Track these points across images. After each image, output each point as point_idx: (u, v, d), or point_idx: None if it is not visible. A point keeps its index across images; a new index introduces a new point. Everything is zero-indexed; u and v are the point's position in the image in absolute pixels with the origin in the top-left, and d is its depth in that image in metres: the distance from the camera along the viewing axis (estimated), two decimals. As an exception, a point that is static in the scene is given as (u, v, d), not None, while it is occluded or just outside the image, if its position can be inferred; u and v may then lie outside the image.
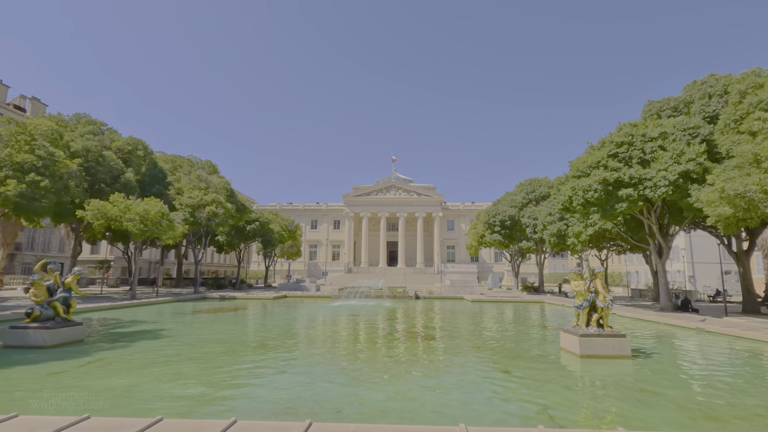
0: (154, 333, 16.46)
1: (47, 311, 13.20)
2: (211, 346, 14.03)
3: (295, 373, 10.00)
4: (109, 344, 13.77)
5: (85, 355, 11.87)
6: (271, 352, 13.18)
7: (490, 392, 8.36)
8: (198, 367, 10.71)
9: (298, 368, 10.68)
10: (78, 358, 11.42)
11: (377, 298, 37.11)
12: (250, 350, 13.51)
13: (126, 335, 15.79)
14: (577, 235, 37.14)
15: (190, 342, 14.81)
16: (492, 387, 8.75)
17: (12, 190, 29.32)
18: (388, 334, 17.17)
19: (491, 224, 49.67)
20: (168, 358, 11.66)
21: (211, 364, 11.02)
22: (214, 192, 44.03)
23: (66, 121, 40.41)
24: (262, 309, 28.97)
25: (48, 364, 10.59)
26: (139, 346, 13.42)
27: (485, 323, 21.72)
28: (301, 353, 12.96)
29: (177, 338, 15.38)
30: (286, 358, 12.23)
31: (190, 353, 12.60)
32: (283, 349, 13.76)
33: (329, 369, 10.60)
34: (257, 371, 10.43)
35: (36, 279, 13.23)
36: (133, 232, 33.32)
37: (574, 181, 28.11)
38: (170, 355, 12.20)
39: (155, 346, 13.63)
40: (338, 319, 22.54)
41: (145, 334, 16.04)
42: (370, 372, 10.16)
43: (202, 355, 12.24)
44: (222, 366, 10.77)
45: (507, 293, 49.57)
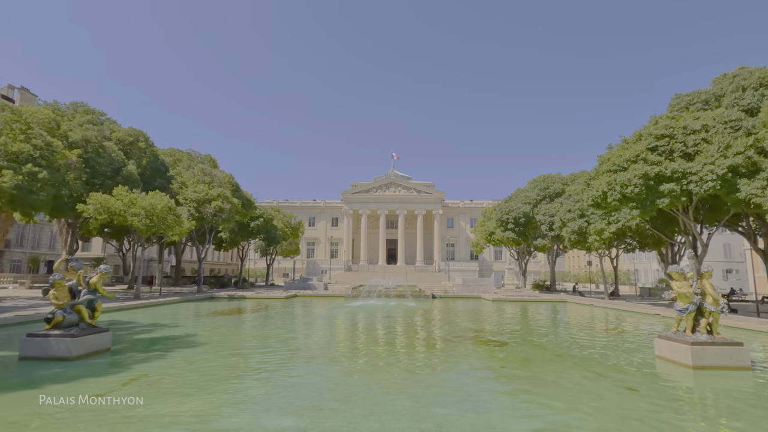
0: (184, 339, 14.70)
1: (71, 316, 11.40)
2: (261, 354, 12.41)
3: (408, 396, 8.23)
4: (141, 354, 12.02)
5: (121, 369, 10.15)
6: (343, 362, 11.51)
7: (657, 421, 6.79)
8: (269, 385, 9.02)
9: (408, 388, 8.99)
10: (116, 374, 9.69)
11: (398, 298, 35.59)
12: (315, 360, 11.83)
13: (154, 342, 14.03)
14: (599, 232, 36.12)
15: (233, 349, 13.15)
16: (649, 414, 7.17)
17: (8, 182, 27.11)
18: (456, 338, 15.44)
19: (504, 221, 48.45)
20: (223, 372, 9.99)
21: (283, 382, 9.30)
22: (219, 186, 42.02)
23: (62, 110, 38.09)
24: (284, 310, 27.26)
25: (82, 382, 8.84)
26: (178, 357, 11.70)
27: (535, 325, 20.32)
28: (381, 364, 11.25)
29: (215, 345, 13.66)
30: (364, 369, 10.60)
31: (244, 365, 10.93)
32: (347, 357, 12.14)
33: (439, 386, 8.94)
34: (348, 390, 8.71)
35: (57, 279, 11.42)
36: (138, 228, 31.27)
37: (610, 176, 26.89)
38: (221, 367, 10.51)
39: (196, 355, 11.92)
40: (378, 321, 21.05)
41: (176, 341, 14.28)
42: (489, 393, 8.50)
43: (260, 367, 10.56)
44: (299, 386, 9.00)
45: (519, 292, 48.48)
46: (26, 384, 8.69)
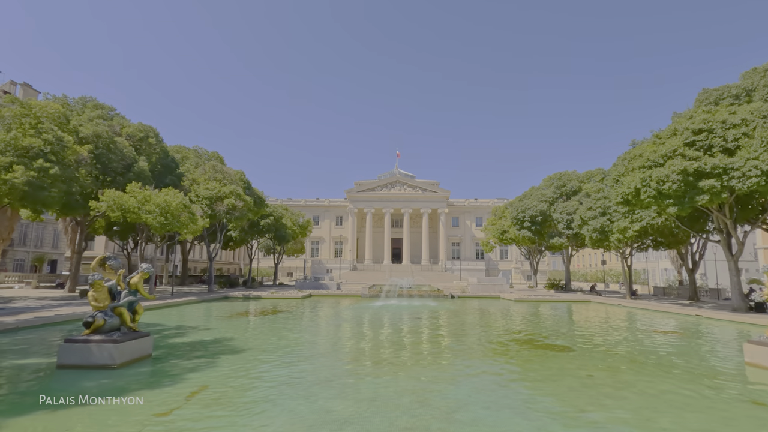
0: (223, 344, 13.75)
1: (112, 320, 10.42)
2: (321, 361, 11.43)
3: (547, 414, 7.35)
4: (186, 362, 11.07)
5: (174, 380, 9.18)
6: (417, 370, 10.52)
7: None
8: (361, 398, 8.03)
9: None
10: (171, 386, 8.72)
11: (419, 298, 34.69)
12: (386, 368, 10.86)
13: (193, 347, 13.07)
14: (622, 230, 35.30)
15: (285, 355, 12.21)
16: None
17: (19, 178, 26.02)
18: (511, 342, 14.52)
19: (520, 220, 47.59)
20: (294, 384, 9.06)
21: (371, 394, 8.32)
22: (231, 184, 41.00)
23: (71, 105, 36.99)
24: (310, 310, 26.36)
25: (139, 396, 7.88)
26: (228, 364, 10.77)
27: (581, 327, 19.48)
28: (463, 374, 10.25)
29: (260, 351, 12.74)
30: (445, 379, 9.67)
31: (312, 374, 9.92)
32: (419, 365, 11.17)
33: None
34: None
35: (97, 279, 10.43)
36: (153, 226, 30.28)
37: (644, 172, 26.04)
38: (287, 377, 9.56)
39: (247, 363, 10.99)
40: (415, 323, 20.24)
41: (216, 346, 13.33)
42: (615, 411, 7.54)
43: (332, 377, 9.59)
44: (394, 400, 7.98)
45: (536, 291, 47.68)
46: (75, 398, 7.70)
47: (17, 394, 8.13)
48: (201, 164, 49.53)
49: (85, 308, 22.09)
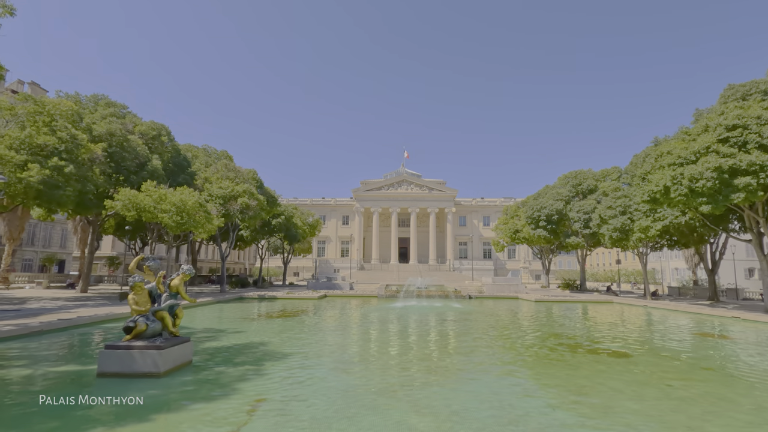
0: (260, 348, 13.14)
1: (154, 324, 9.80)
2: (377, 365, 10.80)
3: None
4: (230, 368, 10.45)
5: (227, 390, 8.55)
6: (494, 377, 9.93)
7: None
8: (427, 411, 7.41)
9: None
10: (226, 397, 8.09)
11: (440, 299, 34.06)
12: (452, 375, 10.27)
13: (231, 353, 12.47)
14: (644, 229, 34.57)
15: (334, 360, 11.61)
16: None
17: (35, 176, 25.47)
18: (561, 346, 13.76)
19: (535, 219, 46.87)
20: (345, 391, 8.46)
21: (436, 406, 7.71)
22: (243, 182, 40.41)
23: (83, 103, 36.45)
24: (333, 312, 25.83)
25: (196, 410, 7.26)
26: (277, 371, 10.16)
27: (624, 330, 18.78)
28: (550, 380, 9.61)
29: (305, 356, 12.14)
30: (531, 388, 9.00)
31: (380, 383, 9.27)
32: (479, 371, 10.56)
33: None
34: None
35: (138, 281, 9.81)
36: (168, 225, 29.68)
37: (674, 170, 25.35)
38: (352, 389, 8.90)
39: (298, 370, 10.38)
40: (453, 324, 19.80)
41: (254, 350, 12.72)
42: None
43: (390, 388, 8.94)
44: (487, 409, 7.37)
45: (551, 292, 46.99)
46: (129, 414, 7.07)
47: (74, 408, 7.51)
48: (211, 163, 48.96)
49: (105, 310, 21.53)
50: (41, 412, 7.13)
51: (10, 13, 15.34)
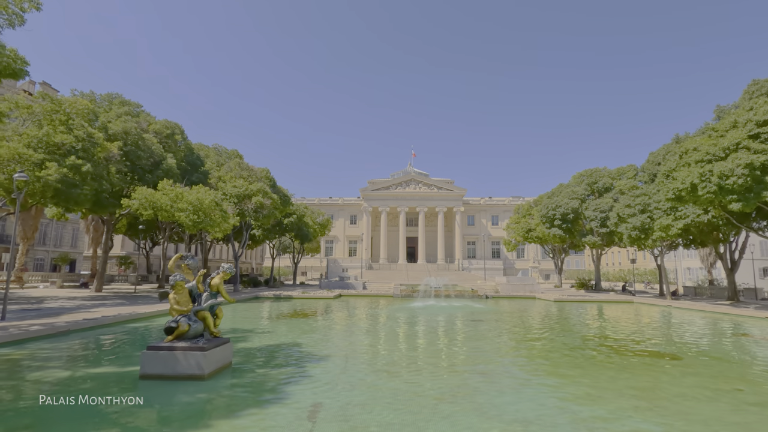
0: (295, 349, 12.80)
1: (196, 325, 9.45)
2: (424, 367, 10.41)
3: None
4: (273, 371, 10.13)
5: (278, 395, 8.18)
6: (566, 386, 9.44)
7: None
8: (495, 418, 6.99)
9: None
10: (279, 402, 7.72)
11: (458, 298, 33.67)
12: (508, 379, 9.83)
13: (266, 354, 12.14)
14: (665, 228, 33.98)
15: (373, 364, 11.20)
16: None
17: (53, 175, 25.28)
18: (608, 348, 13.26)
19: (550, 217, 46.30)
20: (402, 395, 8.09)
21: (505, 413, 7.26)
22: (257, 181, 40.17)
23: (98, 102, 36.31)
24: (353, 311, 25.52)
25: (252, 415, 6.90)
26: (322, 374, 9.80)
27: (659, 331, 18.30)
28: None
29: (344, 357, 11.74)
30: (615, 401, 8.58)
31: (422, 386, 8.89)
32: (533, 374, 10.14)
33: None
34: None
35: (179, 280, 9.46)
36: (185, 224, 29.44)
37: (702, 167, 24.79)
38: (396, 390, 8.52)
39: (339, 372, 10.03)
40: (474, 326, 19.24)
41: (290, 351, 12.39)
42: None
43: (448, 391, 8.53)
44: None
45: (567, 291, 46.42)
46: (188, 419, 6.73)
47: (129, 411, 7.18)
48: (222, 162, 48.79)
49: (128, 309, 21.25)
50: (98, 415, 6.80)
51: (37, 8, 15.08)
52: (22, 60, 15.72)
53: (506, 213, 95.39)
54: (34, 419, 6.76)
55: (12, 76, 15.70)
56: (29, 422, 6.64)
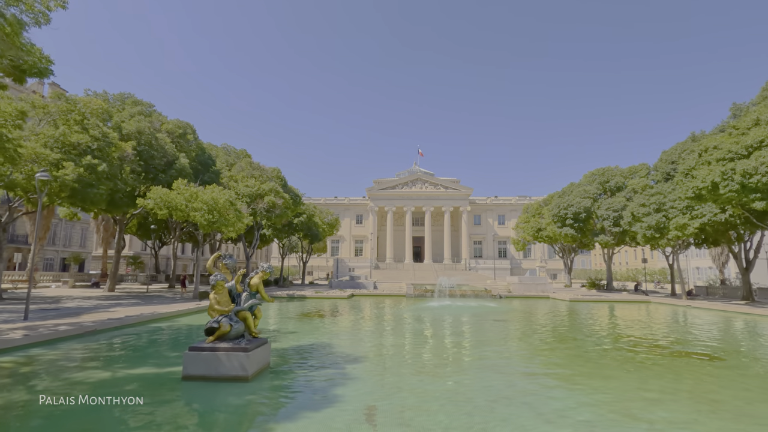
0: (328, 350, 12.66)
1: (238, 325, 9.32)
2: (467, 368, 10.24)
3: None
4: (314, 372, 9.97)
5: (327, 397, 8.02)
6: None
7: None
8: (560, 423, 6.80)
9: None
10: (332, 405, 7.56)
11: (473, 298, 33.51)
12: (549, 380, 9.63)
13: (300, 355, 11.99)
14: (681, 227, 33.72)
15: (415, 365, 11.04)
16: None
17: (70, 175, 25.24)
18: (644, 349, 13.10)
19: (562, 217, 46.04)
20: (456, 397, 7.96)
21: (568, 418, 7.05)
22: (268, 181, 40.10)
23: (111, 101, 36.31)
24: (371, 311, 25.47)
25: (310, 419, 6.75)
26: (365, 375, 9.66)
27: (687, 331, 18.11)
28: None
29: (380, 357, 11.64)
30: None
31: (472, 388, 8.73)
32: (584, 376, 9.90)
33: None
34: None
35: (220, 279, 9.33)
36: (200, 224, 29.33)
37: (724, 165, 24.54)
38: (449, 392, 8.34)
39: (381, 373, 9.90)
40: (499, 325, 19.20)
41: (324, 352, 12.24)
42: None
43: (501, 394, 8.33)
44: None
45: (578, 291, 46.16)
46: (242, 423, 6.59)
47: (183, 414, 7.05)
48: (231, 162, 48.75)
49: (149, 309, 21.14)
50: (151, 416, 6.67)
51: (63, 6, 14.95)
52: (46, 59, 15.63)
53: (512, 212, 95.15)
54: (89, 420, 6.64)
55: (37, 75, 15.60)
56: (83, 426, 6.51)
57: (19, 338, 11.99)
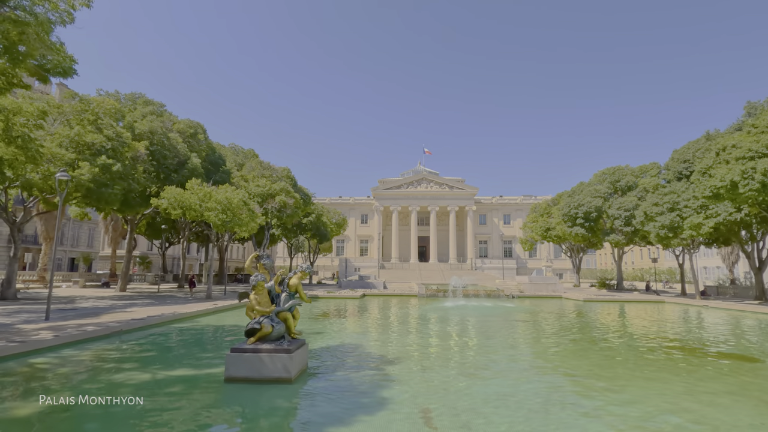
0: (360, 350, 12.54)
1: (279, 326, 9.20)
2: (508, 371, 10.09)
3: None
4: (353, 373, 9.86)
5: (378, 399, 7.89)
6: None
7: None
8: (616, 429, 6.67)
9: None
10: (384, 407, 7.43)
11: (487, 298, 33.40)
12: (596, 382, 9.47)
13: (332, 355, 11.86)
14: (695, 226, 33.52)
15: (455, 366, 10.88)
16: None
17: (86, 175, 25.22)
18: (681, 352, 12.90)
19: (573, 216, 45.85)
20: (506, 400, 7.85)
21: (625, 423, 6.80)
22: (278, 180, 40.04)
23: (122, 101, 36.28)
24: (389, 311, 25.46)
25: (367, 424, 6.62)
26: (406, 376, 9.56)
27: (713, 331, 18.00)
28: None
29: (413, 358, 11.46)
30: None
31: (520, 391, 8.59)
32: (634, 384, 9.75)
33: None
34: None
35: (260, 280, 9.21)
36: (214, 223, 29.28)
37: (743, 164, 24.35)
38: (498, 395, 8.21)
39: (421, 373, 9.80)
40: (521, 326, 19.12)
41: (356, 353, 12.12)
42: None
43: (552, 398, 8.15)
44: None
45: (588, 291, 45.96)
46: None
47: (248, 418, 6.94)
48: (240, 162, 48.72)
49: (169, 309, 20.99)
50: (212, 419, 6.56)
51: (87, 5, 14.86)
52: (70, 58, 15.56)
53: (518, 212, 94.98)
54: (144, 423, 6.53)
55: (61, 74, 15.53)
56: (139, 429, 6.41)
57: (50, 339, 11.91)
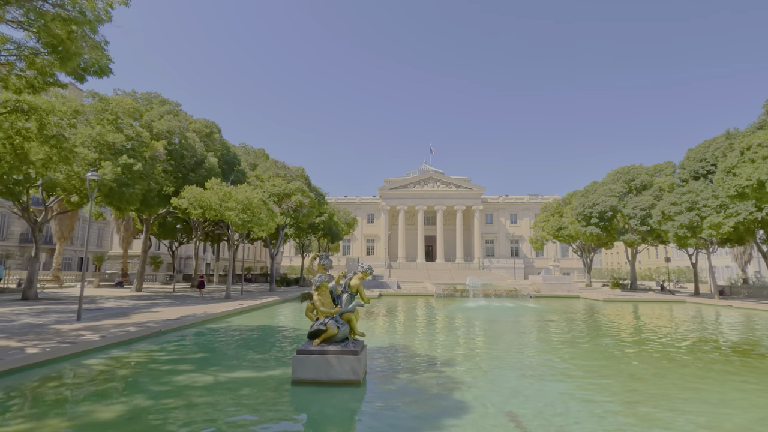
0: (408, 351, 12.41)
1: (344, 328, 9.06)
2: (573, 373, 9.94)
3: None
4: (415, 375, 9.73)
5: (454, 402, 7.75)
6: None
7: None
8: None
9: None
10: (469, 410, 7.29)
11: (508, 298, 33.27)
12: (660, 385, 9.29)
13: (384, 356, 11.70)
14: (715, 226, 33.38)
15: (522, 369, 10.73)
16: None
17: (108, 175, 25.11)
18: (749, 354, 12.74)
19: (587, 216, 45.65)
20: (592, 407, 7.69)
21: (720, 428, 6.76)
22: (293, 180, 39.93)
23: (139, 101, 36.20)
24: (417, 311, 25.46)
25: (457, 428, 6.47)
26: (472, 379, 9.41)
27: (754, 332, 17.82)
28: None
29: (471, 360, 11.33)
30: None
31: (605, 395, 8.38)
32: (708, 389, 9.53)
33: None
34: None
35: (324, 280, 9.08)
36: (234, 223, 29.15)
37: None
38: (583, 401, 8.02)
39: (489, 376, 9.66)
40: (553, 326, 18.88)
41: (407, 354, 11.99)
42: None
43: (635, 401, 8.07)
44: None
45: (602, 291, 45.80)
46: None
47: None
48: (251, 161, 48.61)
49: (200, 308, 20.78)
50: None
51: (125, 3, 14.72)
52: (107, 57, 15.43)
53: (525, 211, 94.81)
54: (229, 427, 6.40)
55: (97, 73, 15.42)
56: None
57: (98, 340, 11.79)
